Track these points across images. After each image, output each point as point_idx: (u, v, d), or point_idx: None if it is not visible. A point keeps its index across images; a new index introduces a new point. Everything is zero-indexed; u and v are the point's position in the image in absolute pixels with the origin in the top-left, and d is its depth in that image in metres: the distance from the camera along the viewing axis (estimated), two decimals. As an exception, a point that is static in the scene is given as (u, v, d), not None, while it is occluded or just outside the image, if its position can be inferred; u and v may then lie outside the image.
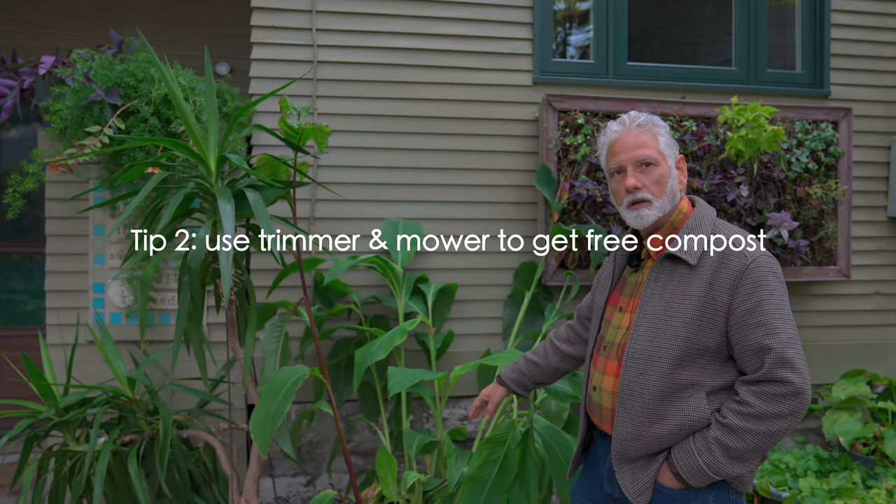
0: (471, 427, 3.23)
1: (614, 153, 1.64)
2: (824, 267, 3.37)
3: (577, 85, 3.31)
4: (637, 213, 1.59)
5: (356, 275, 3.12)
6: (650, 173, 1.59)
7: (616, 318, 1.67)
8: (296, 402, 3.10)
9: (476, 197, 3.23)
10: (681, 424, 1.52)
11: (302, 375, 2.32)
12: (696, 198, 1.69)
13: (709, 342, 1.50)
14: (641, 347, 1.55)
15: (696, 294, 1.51)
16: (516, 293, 3.19)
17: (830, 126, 3.36)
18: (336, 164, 3.13)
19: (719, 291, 1.49)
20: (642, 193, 1.58)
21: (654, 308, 1.56)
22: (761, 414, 1.43)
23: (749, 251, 1.51)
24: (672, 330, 1.51)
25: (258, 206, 2.06)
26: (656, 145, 1.61)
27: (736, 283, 1.48)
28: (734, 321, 1.48)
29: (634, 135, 1.62)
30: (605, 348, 1.67)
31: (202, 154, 2.16)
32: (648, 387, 1.53)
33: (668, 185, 1.59)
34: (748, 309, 1.47)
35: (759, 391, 1.45)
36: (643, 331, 1.56)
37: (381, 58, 3.16)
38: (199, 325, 2.21)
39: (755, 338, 1.46)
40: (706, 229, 1.57)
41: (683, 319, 1.51)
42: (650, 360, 1.53)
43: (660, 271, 1.59)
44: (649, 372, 1.53)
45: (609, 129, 1.69)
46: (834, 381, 3.53)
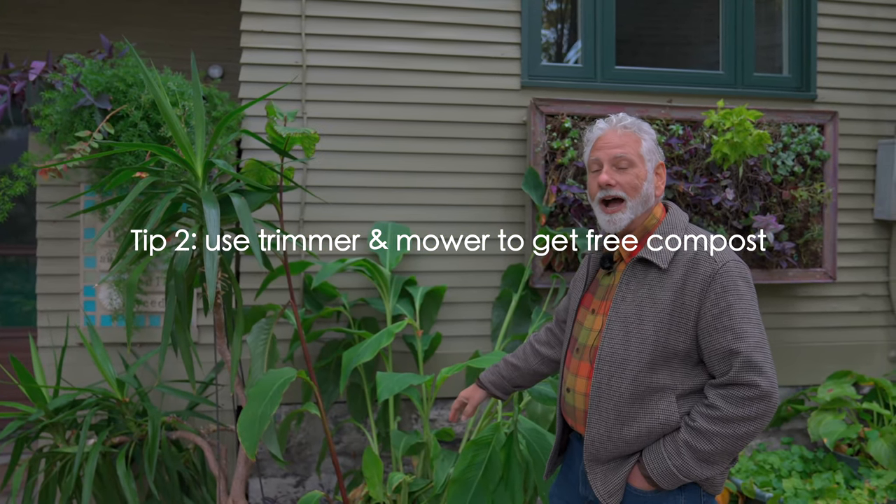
0: (458, 428, 3.26)
1: (596, 149, 1.67)
2: (810, 269, 3.40)
3: (565, 89, 3.34)
4: (610, 218, 1.61)
5: (345, 277, 3.15)
6: (626, 173, 1.61)
7: (588, 320, 1.69)
8: (284, 404, 3.13)
9: (464, 200, 3.25)
10: (651, 427, 1.54)
11: (289, 378, 2.35)
12: (671, 203, 1.71)
13: (679, 346, 1.52)
14: (613, 350, 1.57)
15: (666, 298, 1.53)
16: (504, 295, 3.22)
17: (816, 129, 3.39)
18: (325, 167, 3.15)
19: (689, 295, 1.51)
20: (615, 191, 1.60)
21: (625, 311, 1.58)
22: (729, 417, 1.45)
23: (719, 256, 1.53)
24: (643, 333, 1.53)
25: (243, 210, 2.09)
26: (637, 148, 1.63)
27: (705, 287, 1.50)
28: (703, 325, 1.50)
29: (618, 135, 1.64)
30: (578, 350, 1.69)
31: (188, 159, 2.18)
32: (619, 389, 1.55)
33: (642, 188, 1.61)
34: (717, 313, 1.49)
35: (727, 395, 1.47)
36: (614, 334, 1.58)
37: (369, 62, 3.19)
38: (187, 328, 2.24)
39: (723, 342, 1.48)
40: (678, 233, 1.60)
41: (654, 323, 1.53)
42: (621, 363, 1.55)
43: (632, 274, 1.60)
44: (620, 375, 1.55)
45: (596, 126, 1.71)
46: (820, 383, 3.56)
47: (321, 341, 3.14)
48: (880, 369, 3.62)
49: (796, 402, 3.46)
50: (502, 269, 3.28)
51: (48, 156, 2.73)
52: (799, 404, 3.46)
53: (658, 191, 1.67)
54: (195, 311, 3.02)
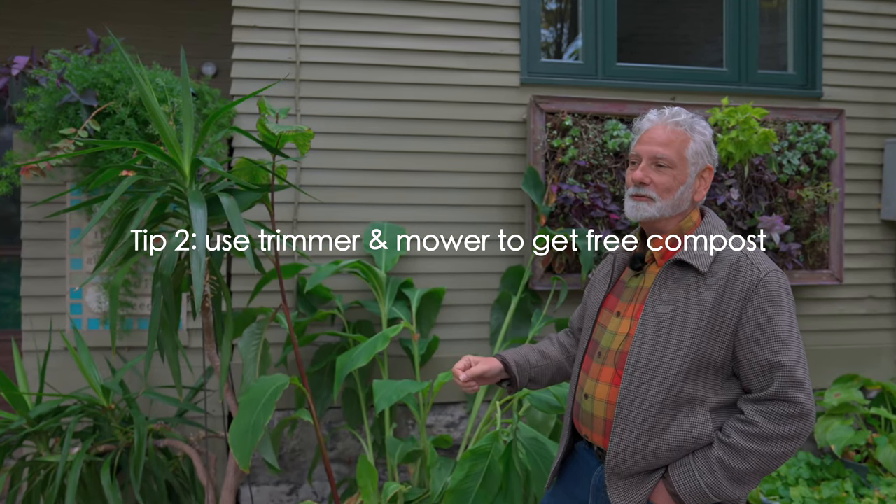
0: (456, 434, 3.18)
1: (641, 141, 1.58)
2: (816, 271, 3.32)
3: (566, 86, 3.26)
4: (636, 205, 1.54)
5: (340, 279, 3.07)
6: (663, 173, 1.52)
7: (613, 323, 1.60)
8: (277, 409, 3.04)
9: (462, 200, 3.17)
10: (682, 440, 1.45)
11: (281, 385, 2.26)
12: (707, 208, 1.63)
13: (715, 356, 1.44)
14: (645, 356, 1.48)
15: (705, 304, 1.45)
16: (503, 298, 3.14)
17: (822, 128, 3.31)
18: (319, 166, 3.07)
19: (729, 303, 1.43)
20: (646, 190, 1.53)
21: (659, 315, 1.49)
22: (768, 435, 1.37)
23: (762, 264, 1.46)
24: (679, 340, 1.45)
25: (232, 210, 2.00)
26: (683, 149, 1.53)
27: (747, 296, 1.42)
28: (743, 335, 1.42)
29: (667, 131, 1.54)
30: (600, 354, 1.59)
31: (175, 157, 2.10)
32: (650, 398, 1.46)
33: (677, 192, 1.52)
34: (759, 324, 1.41)
35: (767, 411, 1.39)
36: (647, 338, 1.49)
37: (365, 58, 3.10)
38: (173, 332, 2.15)
39: (765, 354, 1.40)
40: (717, 237, 1.53)
41: (691, 329, 1.44)
42: (653, 369, 1.46)
43: (667, 277, 1.52)
44: (652, 382, 1.46)
45: (647, 116, 1.61)
46: (826, 387, 3.48)
47: (315, 345, 3.06)
48: (887, 373, 3.54)
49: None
50: (501, 271, 3.20)
51: (32, 154, 2.65)
52: (805, 409, 3.37)
53: (698, 195, 1.57)
54: (185, 314, 2.93)
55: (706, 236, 1.52)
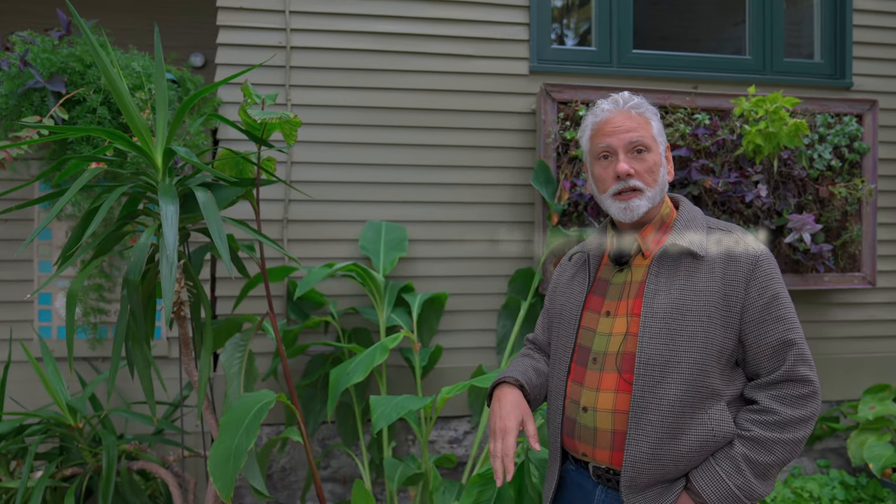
0: (461, 451, 2.94)
1: (604, 134, 1.46)
2: (847, 273, 3.09)
3: (578, 74, 3.02)
4: (626, 205, 1.43)
5: (334, 283, 2.82)
6: (643, 160, 1.44)
7: (604, 324, 1.45)
8: (266, 425, 2.80)
9: (467, 197, 2.93)
10: (703, 440, 1.33)
11: (267, 403, 2.02)
12: (678, 195, 1.55)
13: (726, 343, 1.35)
14: (656, 352, 1.34)
15: (710, 289, 1.36)
16: (511, 303, 2.89)
17: (854, 119, 3.07)
18: (312, 160, 2.82)
19: (733, 286, 1.36)
20: (635, 181, 1.42)
21: (662, 306, 1.37)
22: (788, 420, 1.31)
23: (754, 244, 1.41)
24: (689, 330, 1.34)
25: (208, 207, 1.76)
26: (650, 130, 1.46)
27: (748, 276, 1.36)
28: (750, 317, 1.35)
29: (628, 116, 1.46)
30: (596, 360, 1.43)
31: (146, 147, 1.85)
32: (668, 397, 1.33)
33: (659, 175, 1.45)
34: (765, 303, 1.35)
35: (781, 395, 1.32)
36: (655, 333, 1.36)
37: (361, 43, 2.86)
38: (143, 344, 1.91)
39: (776, 333, 1.34)
40: (702, 222, 1.46)
41: (700, 317, 1.35)
42: (667, 366, 1.34)
43: (660, 266, 1.41)
44: (668, 380, 1.33)
45: (599, 107, 1.50)
46: (856, 397, 3.25)
47: (308, 354, 2.82)
48: (922, 383, 3.31)
49: (831, 420, 3.15)
50: (509, 274, 2.95)
51: (-7, 145, 2.40)
52: (834, 422, 3.14)
53: (670, 175, 1.50)
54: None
55: (689, 221, 1.46)
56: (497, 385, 1.54)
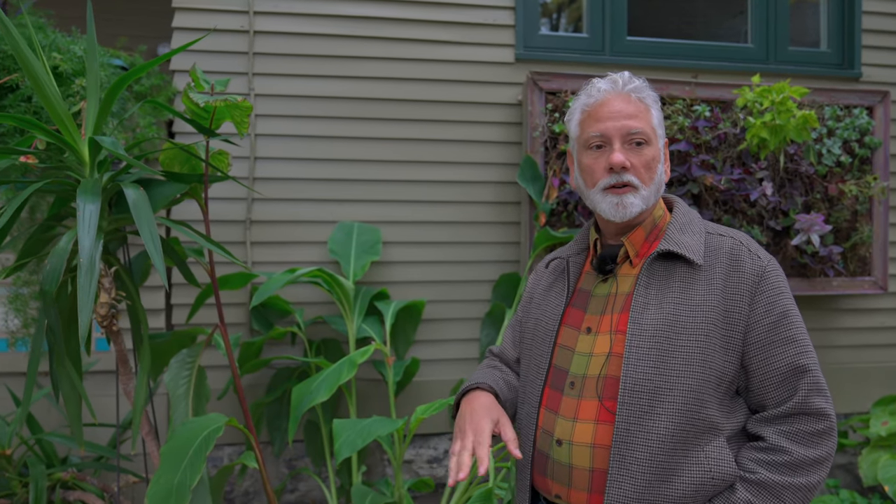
0: (441, 471, 2.70)
1: (598, 118, 1.24)
2: (857, 278, 2.87)
3: (568, 63, 2.79)
4: (619, 200, 1.22)
5: (301, 290, 2.58)
6: (641, 153, 1.23)
7: (584, 342, 1.23)
8: (226, 444, 2.56)
9: (448, 196, 2.69)
10: (699, 482, 1.11)
11: (216, 429, 1.78)
12: (673, 196, 1.35)
13: (726, 367, 1.15)
14: (644, 377, 1.14)
15: (708, 304, 1.16)
16: (496, 310, 2.66)
17: (865, 112, 2.85)
18: (278, 155, 2.58)
19: (735, 300, 1.16)
20: (629, 176, 1.21)
21: (652, 323, 1.16)
22: (800, 461, 1.11)
23: (760, 252, 1.21)
24: (683, 351, 1.14)
25: (139, 206, 1.52)
26: (650, 120, 1.25)
27: (753, 290, 1.16)
28: (756, 337, 1.15)
29: (627, 100, 1.24)
30: (573, 385, 1.21)
31: (69, 138, 1.61)
32: (657, 430, 1.12)
33: (657, 172, 1.25)
34: (773, 322, 1.15)
35: (792, 431, 1.12)
36: (643, 354, 1.15)
37: (333, 28, 2.62)
38: (67, 362, 1.67)
39: (786, 357, 1.14)
40: (699, 226, 1.25)
41: (696, 336, 1.14)
42: (657, 393, 1.13)
43: (650, 275, 1.21)
44: (657, 410, 1.12)
45: (594, 86, 1.28)
46: (866, 409, 3.03)
47: (273, 367, 2.58)
48: (935, 394, 3.09)
49: (840, 435, 2.93)
50: (493, 279, 2.72)
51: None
52: (843, 437, 2.93)
53: (666, 175, 1.31)
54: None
55: (685, 224, 1.25)
56: (466, 392, 1.31)
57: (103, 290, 1.64)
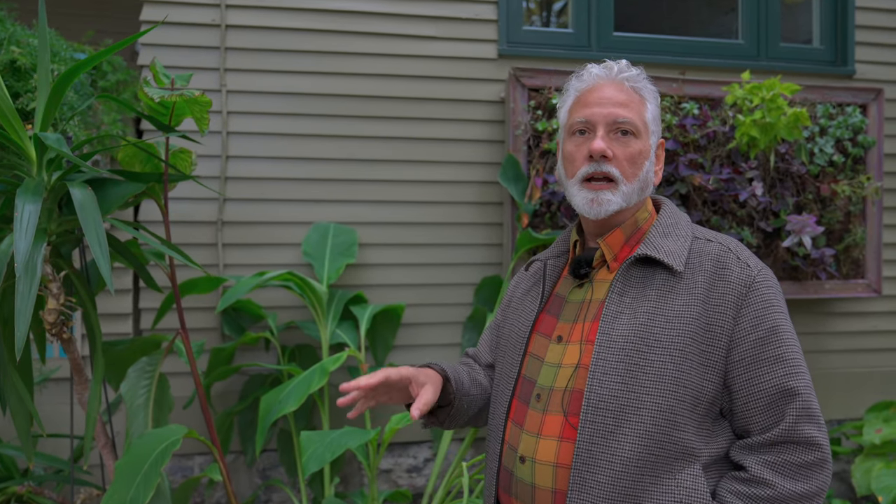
0: (420, 480, 2.61)
1: (586, 104, 1.15)
2: (851, 281, 2.79)
3: (552, 59, 2.70)
4: (595, 196, 1.12)
5: (274, 294, 2.49)
6: (627, 145, 1.13)
7: (553, 351, 1.14)
8: (197, 454, 2.47)
9: (427, 196, 2.61)
10: None
11: (173, 442, 1.69)
12: (663, 197, 1.25)
13: (705, 386, 1.04)
14: (610, 393, 1.04)
15: (686, 315, 1.05)
16: (477, 314, 2.57)
17: (858, 110, 2.77)
18: (251, 153, 2.49)
19: (717, 312, 1.05)
20: (609, 167, 1.12)
21: (623, 333, 1.06)
22: (784, 497, 1.00)
23: (751, 260, 1.10)
24: (655, 366, 1.04)
25: (85, 207, 1.42)
26: (643, 112, 1.16)
27: (739, 301, 1.05)
28: (740, 354, 1.04)
29: (620, 88, 1.15)
30: (539, 397, 1.12)
31: (13, 135, 1.52)
32: (622, 453, 1.02)
33: (643, 169, 1.15)
34: (760, 338, 1.04)
35: (778, 462, 1.01)
36: (610, 368, 1.05)
37: (309, 22, 2.53)
38: (11, 374, 1.57)
39: (774, 378, 1.03)
40: (685, 230, 1.15)
41: (670, 351, 1.04)
42: (623, 411, 1.03)
43: (626, 282, 1.11)
44: (623, 429, 1.03)
45: (587, 71, 1.19)
46: (859, 416, 2.95)
47: (246, 374, 2.49)
48: (930, 400, 3.01)
49: (832, 442, 2.85)
50: (475, 282, 2.63)
51: None
52: (835, 444, 2.84)
53: (657, 177, 1.20)
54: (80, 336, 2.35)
55: (669, 228, 1.15)
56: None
57: (51, 295, 1.55)
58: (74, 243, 1.73)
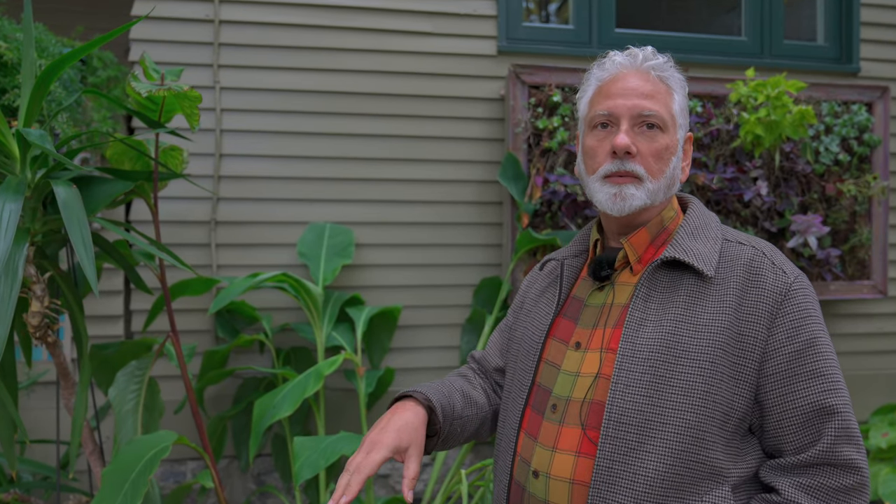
0: (419, 486, 2.56)
1: (608, 94, 1.07)
2: (856, 282, 2.74)
3: (553, 55, 2.65)
4: (618, 190, 1.05)
5: (269, 295, 2.43)
6: (653, 140, 1.05)
7: (571, 359, 1.07)
8: (189, 459, 2.41)
9: (425, 195, 2.55)
10: None
11: (163, 448, 1.64)
12: (689, 196, 1.16)
13: (736, 401, 0.97)
14: (633, 406, 0.97)
15: (717, 323, 0.98)
16: (476, 316, 2.52)
17: (864, 108, 2.73)
18: (245, 152, 2.44)
19: (751, 321, 0.98)
20: (633, 164, 1.05)
21: (648, 342, 0.99)
22: None
23: (787, 266, 1.03)
24: (683, 378, 0.96)
25: (69, 205, 1.37)
26: (670, 104, 1.07)
27: (774, 310, 0.98)
28: (774, 368, 0.97)
29: (646, 78, 1.06)
30: (555, 408, 1.05)
31: (-5, 130, 1.46)
32: (646, 472, 0.94)
33: (669, 165, 1.07)
34: (797, 351, 0.96)
35: (814, 485, 0.93)
36: (634, 379, 0.98)
37: (304, 17, 2.48)
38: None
39: (811, 395, 0.95)
40: (714, 232, 1.07)
41: (700, 361, 0.96)
42: (648, 426, 0.96)
43: (652, 286, 1.04)
44: (647, 447, 0.95)
45: (609, 59, 1.11)
46: (864, 419, 2.91)
47: (240, 377, 2.43)
48: (936, 403, 2.97)
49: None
50: (474, 284, 2.58)
51: None
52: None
53: (683, 174, 1.13)
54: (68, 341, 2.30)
55: (698, 229, 1.07)
56: (400, 399, 1.12)
57: (35, 298, 1.49)
58: (60, 244, 1.68)
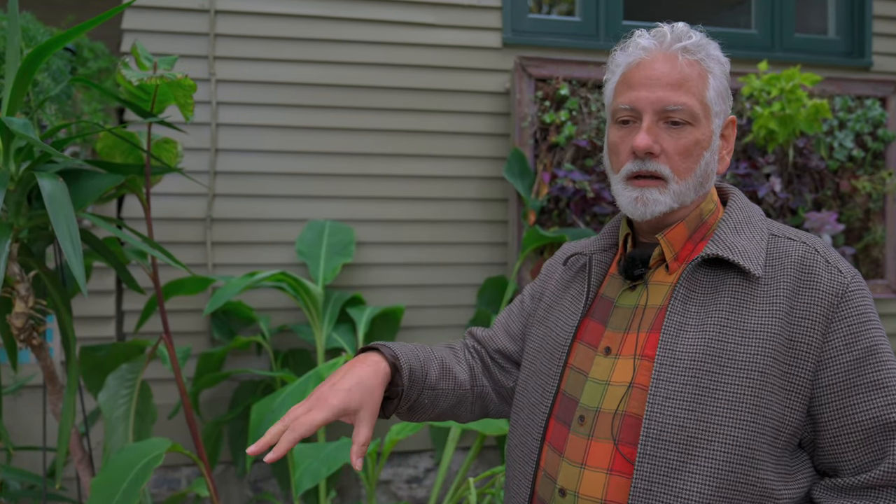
0: (421, 492, 2.48)
1: (631, 85, 0.95)
2: (870, 281, 2.67)
3: (560, 48, 2.57)
4: (640, 193, 0.95)
5: (268, 295, 2.35)
6: (679, 136, 0.94)
7: (601, 366, 0.96)
8: (183, 465, 2.33)
9: (428, 192, 2.47)
10: None
11: (155, 456, 1.56)
12: (730, 186, 1.04)
13: (787, 415, 0.87)
14: (675, 421, 0.87)
15: (767, 329, 0.87)
16: (480, 317, 2.44)
17: (878, 103, 2.66)
18: (242, 147, 2.35)
19: (804, 326, 0.87)
20: (656, 165, 0.94)
21: (690, 349, 0.89)
22: None
23: (842, 264, 0.92)
24: (730, 391, 0.86)
25: (56, 200, 1.29)
26: (703, 91, 0.94)
27: (830, 314, 0.87)
28: (830, 379, 0.87)
29: (673, 64, 0.93)
30: (583, 420, 0.94)
31: (-23, 120, 1.38)
32: (688, 495, 0.85)
33: (701, 162, 0.95)
34: (856, 359, 0.86)
35: None
36: (675, 390, 0.88)
37: (303, 7, 2.40)
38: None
39: (872, 408, 0.86)
40: (759, 226, 0.96)
41: (747, 371, 0.86)
42: (691, 443, 0.86)
43: (692, 286, 0.93)
44: (691, 466, 0.85)
45: (634, 40, 0.97)
46: (877, 422, 2.84)
47: (237, 380, 2.35)
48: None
49: None
50: (479, 283, 2.50)
51: None
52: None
53: (723, 164, 1.00)
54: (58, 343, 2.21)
55: (742, 223, 0.96)
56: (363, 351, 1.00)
57: (19, 298, 1.41)
58: (47, 240, 1.59)
